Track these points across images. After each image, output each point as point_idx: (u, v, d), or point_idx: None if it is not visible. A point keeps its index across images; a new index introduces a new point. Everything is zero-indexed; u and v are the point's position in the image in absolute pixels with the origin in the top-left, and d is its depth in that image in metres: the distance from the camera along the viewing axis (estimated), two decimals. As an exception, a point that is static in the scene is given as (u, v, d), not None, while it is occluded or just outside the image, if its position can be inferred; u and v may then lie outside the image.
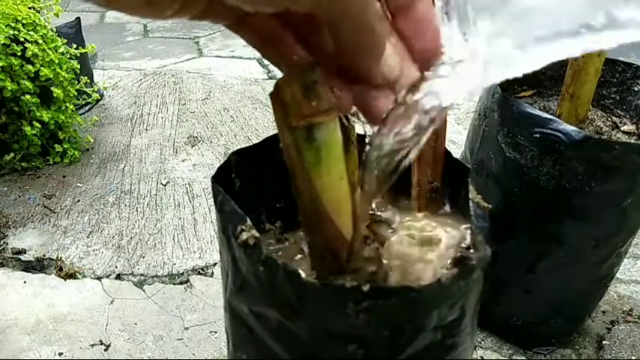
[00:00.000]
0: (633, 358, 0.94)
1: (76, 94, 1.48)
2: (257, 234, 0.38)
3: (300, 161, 0.33)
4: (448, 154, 0.50)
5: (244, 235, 0.38)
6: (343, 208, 0.36)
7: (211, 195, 0.46)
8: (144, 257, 1.15)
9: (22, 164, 1.42)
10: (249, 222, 0.39)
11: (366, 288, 0.33)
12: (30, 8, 1.40)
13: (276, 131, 0.37)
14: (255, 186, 0.54)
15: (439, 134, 0.50)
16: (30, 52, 1.31)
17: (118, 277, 1.10)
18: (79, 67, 1.47)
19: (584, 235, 0.81)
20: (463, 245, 0.49)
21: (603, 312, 1.03)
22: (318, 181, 0.34)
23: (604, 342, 0.96)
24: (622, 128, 0.88)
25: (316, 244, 0.39)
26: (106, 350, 0.94)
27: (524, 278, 0.87)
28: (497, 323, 0.95)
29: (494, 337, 0.97)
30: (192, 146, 1.57)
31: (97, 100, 1.78)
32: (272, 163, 0.52)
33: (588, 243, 0.81)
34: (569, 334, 0.97)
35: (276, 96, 0.33)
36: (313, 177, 0.34)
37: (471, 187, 0.43)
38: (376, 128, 0.32)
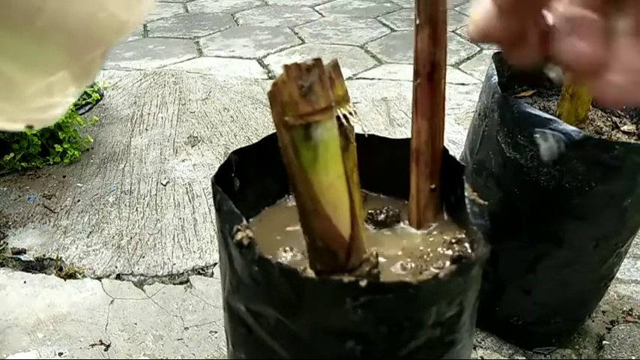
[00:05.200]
0: (633, 358, 0.93)
1: (76, 94, 1.48)
2: (251, 234, 0.38)
3: (298, 160, 0.33)
4: (446, 153, 0.50)
5: (239, 235, 0.38)
6: (341, 207, 0.36)
7: (211, 195, 0.46)
8: (144, 257, 1.15)
9: (22, 164, 1.42)
10: (244, 222, 0.39)
11: (363, 283, 0.33)
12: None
13: (275, 131, 0.37)
14: (255, 185, 0.54)
15: (437, 134, 0.50)
16: (30, 53, 1.31)
17: (118, 277, 1.10)
18: (79, 67, 1.47)
19: (584, 235, 0.81)
20: (462, 245, 0.49)
21: (603, 312, 1.02)
22: (315, 180, 0.34)
23: (604, 342, 0.96)
24: (622, 128, 0.88)
25: (314, 243, 0.39)
26: (106, 350, 0.94)
27: (524, 278, 0.87)
28: (498, 323, 0.95)
29: (494, 337, 0.97)
30: (192, 146, 1.57)
31: (97, 100, 1.78)
32: (272, 162, 0.52)
33: (588, 243, 0.81)
34: (569, 334, 0.96)
35: (273, 95, 0.33)
36: (311, 176, 0.34)
37: (466, 185, 0.43)
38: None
